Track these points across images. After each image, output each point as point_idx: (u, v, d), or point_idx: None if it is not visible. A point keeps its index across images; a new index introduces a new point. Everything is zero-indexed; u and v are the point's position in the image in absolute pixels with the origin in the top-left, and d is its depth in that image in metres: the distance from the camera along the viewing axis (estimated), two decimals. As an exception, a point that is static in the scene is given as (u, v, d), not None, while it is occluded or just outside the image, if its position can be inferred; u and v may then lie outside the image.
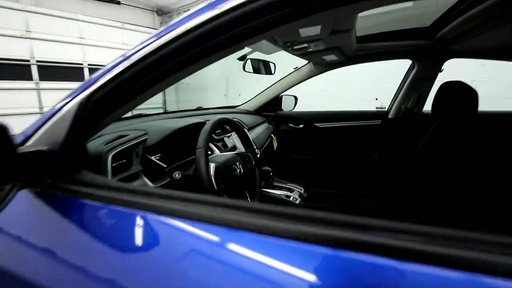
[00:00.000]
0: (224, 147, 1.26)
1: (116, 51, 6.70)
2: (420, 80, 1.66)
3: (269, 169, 1.38)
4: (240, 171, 0.96)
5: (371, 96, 4.39)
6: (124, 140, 0.81)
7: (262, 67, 1.62)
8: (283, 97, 2.20)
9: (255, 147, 1.46)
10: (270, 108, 2.15)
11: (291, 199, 1.30)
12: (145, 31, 7.27)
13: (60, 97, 0.51)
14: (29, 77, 5.52)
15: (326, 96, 4.74)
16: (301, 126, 2.14)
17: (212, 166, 0.86)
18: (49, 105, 5.70)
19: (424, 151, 1.35)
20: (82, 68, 6.18)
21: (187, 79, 7.91)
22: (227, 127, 1.26)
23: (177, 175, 0.79)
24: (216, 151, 1.20)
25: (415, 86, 1.69)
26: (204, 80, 7.49)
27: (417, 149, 1.43)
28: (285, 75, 1.98)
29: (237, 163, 0.97)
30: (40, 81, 5.61)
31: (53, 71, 5.75)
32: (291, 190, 1.40)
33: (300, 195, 1.39)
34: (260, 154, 1.50)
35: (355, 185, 1.89)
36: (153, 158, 0.96)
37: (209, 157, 0.93)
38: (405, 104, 1.76)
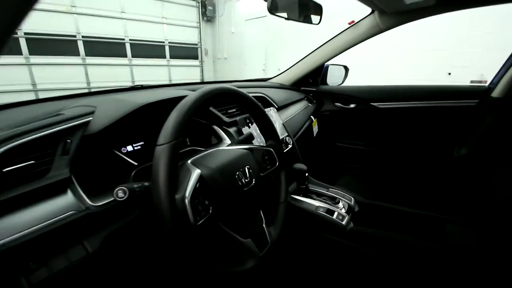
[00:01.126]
0: (239, 134, 0.86)
1: (156, 25, 6.61)
2: None
3: (304, 167, 0.95)
4: (249, 181, 0.56)
5: (440, 70, 3.50)
6: (38, 125, 0.46)
7: (299, 11, 1.07)
8: (330, 67, 1.68)
9: (285, 136, 1.03)
10: (312, 82, 1.66)
11: (335, 215, 0.87)
12: (184, 3, 7.00)
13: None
14: (76, 53, 5.72)
15: (372, 70, 3.95)
16: (352, 106, 1.62)
17: (195, 175, 0.47)
18: (96, 80, 5.94)
19: None
20: (124, 44, 6.21)
21: (225, 53, 7.55)
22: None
23: (120, 192, 0.42)
24: (226, 139, 0.81)
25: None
26: (242, 54, 7.05)
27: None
28: (334, 36, 1.45)
29: (246, 168, 0.56)
30: (86, 57, 5.78)
31: (97, 47, 5.87)
32: (335, 200, 0.96)
33: (349, 209, 0.94)
34: (292, 145, 1.07)
35: (435, 198, 1.35)
36: (118, 153, 0.60)
37: (198, 157, 0.54)
38: (527, 76, 1.12)
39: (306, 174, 0.96)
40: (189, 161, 0.52)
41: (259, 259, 0.56)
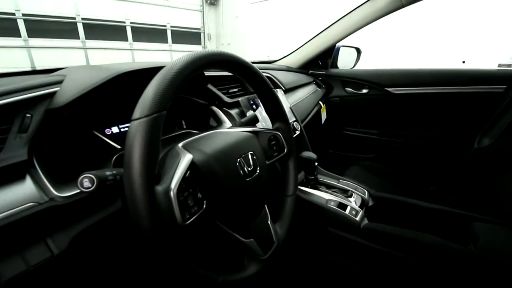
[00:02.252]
0: (241, 117, 0.75)
1: (158, 8, 6.39)
2: None
3: (314, 156, 0.85)
4: (253, 170, 0.46)
5: (454, 58, 3.31)
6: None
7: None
8: (341, 48, 1.55)
9: (293, 121, 0.93)
10: (321, 65, 1.53)
11: (347, 210, 0.77)
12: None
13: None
14: (76, 36, 5.56)
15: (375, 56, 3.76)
16: (364, 91, 1.49)
17: (185, 160, 0.37)
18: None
19: None
20: (125, 27, 6.03)
21: (229, 38, 7.30)
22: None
23: (86, 182, 0.32)
24: (227, 122, 0.71)
25: None
26: (247, 39, 6.83)
27: None
28: (347, 12, 1.31)
29: (249, 154, 0.47)
30: (86, 40, 5.64)
31: (97, 30, 5.72)
32: (347, 193, 0.87)
33: (363, 203, 0.85)
34: (300, 131, 0.97)
35: (456, 193, 1.24)
36: (99, 136, 0.51)
37: (191, 139, 0.44)
38: None
39: (316, 164, 0.86)
40: (180, 144, 0.43)
41: (264, 262, 0.47)
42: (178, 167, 0.36)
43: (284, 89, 1.05)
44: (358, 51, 1.63)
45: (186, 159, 0.37)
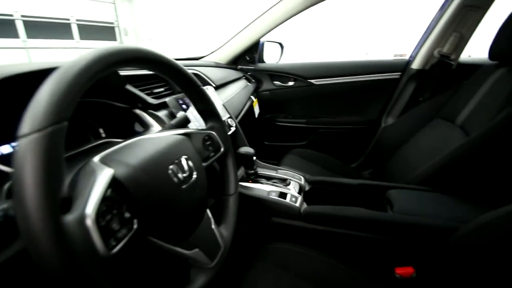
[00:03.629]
0: (171, 118, 0.70)
1: (53, -4, 5.38)
2: (469, 9, 1.13)
3: (251, 151, 0.86)
4: (188, 175, 0.43)
5: (359, 51, 3.84)
6: None
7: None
8: (265, 44, 1.60)
9: (227, 118, 0.91)
10: (249, 60, 1.55)
11: (288, 198, 0.81)
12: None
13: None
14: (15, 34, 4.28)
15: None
16: (290, 83, 1.58)
17: (105, 178, 0.31)
18: None
19: (478, 116, 0.89)
20: (69, 25, 4.90)
21: (149, 34, 6.74)
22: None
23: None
24: (154, 125, 0.64)
25: (459, 20, 1.17)
26: (172, 34, 6.42)
27: (459, 115, 0.97)
28: (268, 8, 1.35)
29: (183, 159, 0.43)
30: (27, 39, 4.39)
31: (39, 28, 4.50)
32: (286, 182, 0.91)
33: (301, 189, 0.90)
34: (236, 127, 0.96)
35: (375, 167, 1.42)
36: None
37: (110, 151, 0.38)
38: (439, 49, 1.25)
39: (254, 158, 0.87)
40: (95, 159, 0.36)
41: (212, 270, 0.45)
42: (94, 187, 0.30)
43: (214, 86, 1.02)
44: (281, 46, 1.71)
45: (104, 175, 0.32)
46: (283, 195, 0.82)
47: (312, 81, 1.55)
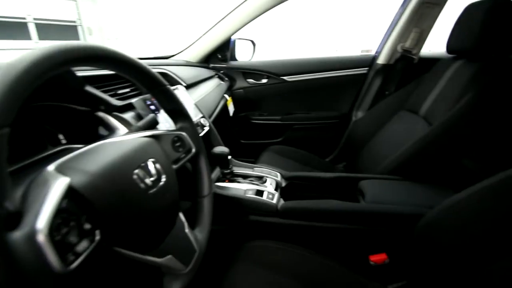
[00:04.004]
0: (139, 120, 0.66)
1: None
2: (427, 6, 1.20)
3: (226, 150, 0.84)
4: (157, 179, 0.41)
5: (329, 48, 3.96)
6: None
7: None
8: (237, 41, 1.59)
9: (199, 117, 0.89)
10: (221, 58, 1.53)
11: (265, 196, 0.81)
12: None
13: None
14: None
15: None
16: (264, 81, 1.59)
17: (59, 188, 0.29)
18: None
19: (438, 107, 0.95)
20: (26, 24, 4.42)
21: (116, 33, 6.41)
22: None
23: None
24: (120, 128, 0.61)
25: (418, 16, 1.23)
26: (142, 32, 6.16)
27: (422, 107, 1.03)
28: (237, 5, 1.34)
29: (150, 162, 0.41)
30: None
31: None
32: (262, 179, 0.91)
33: (277, 186, 0.91)
34: (209, 126, 0.94)
35: (348, 160, 1.47)
36: None
37: (68, 158, 0.35)
38: (402, 44, 1.31)
39: (229, 157, 0.86)
40: (50, 168, 0.33)
41: (187, 276, 0.43)
42: (46, 198, 0.27)
43: (185, 85, 0.99)
44: (253, 43, 1.70)
45: (59, 185, 0.29)
46: (259, 192, 0.82)
47: (284, 78, 1.56)
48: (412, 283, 0.69)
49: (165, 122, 0.70)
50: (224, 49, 1.51)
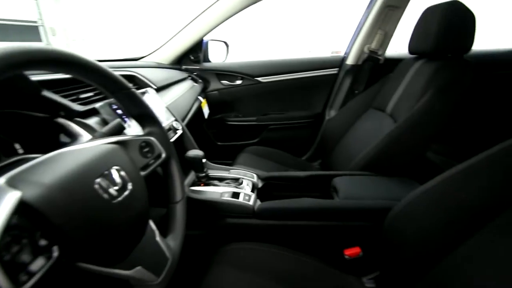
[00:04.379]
0: (104, 125, 0.63)
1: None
2: (390, 9, 1.26)
3: (200, 153, 0.83)
4: (122, 188, 0.39)
5: (302, 49, 4.05)
6: None
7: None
8: (209, 42, 1.57)
9: (172, 121, 0.87)
10: (193, 59, 1.51)
11: (241, 198, 0.81)
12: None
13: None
14: None
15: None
16: (238, 82, 1.58)
17: (8, 202, 0.26)
18: None
19: (403, 105, 1.00)
20: None
21: (82, 34, 6.06)
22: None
23: None
24: (84, 135, 0.58)
25: (382, 19, 1.30)
26: (110, 32, 5.88)
27: (388, 105, 1.08)
28: (209, 6, 1.33)
29: (114, 170, 0.39)
30: None
31: None
32: (238, 181, 0.90)
33: (254, 187, 0.91)
34: (182, 130, 0.92)
35: (322, 159, 1.50)
36: None
37: (21, 170, 0.32)
38: (368, 45, 1.37)
39: (204, 160, 0.84)
40: (0, 181, 0.30)
41: (159, 286, 0.42)
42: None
43: (155, 87, 0.96)
44: (226, 44, 1.69)
45: (8, 200, 0.27)
46: (236, 195, 0.82)
47: (259, 79, 1.57)
48: (384, 274, 0.73)
49: (136, 127, 0.67)
50: (197, 50, 1.49)
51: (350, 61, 1.45)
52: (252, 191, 0.88)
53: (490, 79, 1.37)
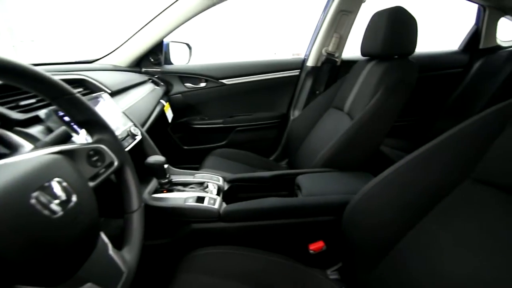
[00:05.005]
0: (49, 133, 0.58)
1: None
2: (343, 14, 1.34)
3: (161, 159, 0.80)
4: (66, 201, 0.36)
5: (268, 51, 4.14)
6: None
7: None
8: (171, 44, 1.53)
9: (129, 126, 0.83)
10: (153, 61, 1.45)
11: (206, 202, 0.79)
12: None
13: None
14: None
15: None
16: (202, 84, 1.56)
17: None
18: None
19: (358, 103, 1.07)
20: None
21: (31, 34, 5.52)
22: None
23: None
24: (25, 145, 0.53)
25: (337, 23, 1.37)
26: (64, 33, 5.41)
27: (345, 104, 1.15)
28: (167, 6, 1.29)
29: (55, 183, 0.36)
30: None
31: None
32: (203, 185, 0.89)
33: (219, 190, 0.90)
34: (142, 135, 0.88)
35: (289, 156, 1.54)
36: None
37: None
38: (326, 48, 1.44)
39: (166, 166, 0.81)
40: None
41: None
42: None
43: (110, 91, 0.91)
44: (189, 46, 1.66)
45: None
46: (201, 199, 0.80)
47: (223, 81, 1.56)
48: (346, 264, 0.76)
49: (80, 134, 0.63)
50: (157, 52, 1.44)
51: (310, 63, 1.51)
52: (218, 194, 0.87)
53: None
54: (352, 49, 1.49)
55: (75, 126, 0.65)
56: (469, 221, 0.47)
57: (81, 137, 0.61)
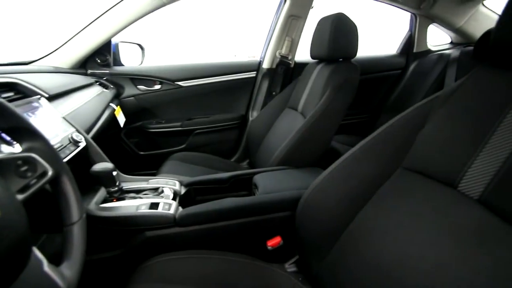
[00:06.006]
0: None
1: None
2: (293, 18, 1.40)
3: (109, 166, 0.76)
4: None
5: (228, 53, 4.14)
6: None
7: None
8: (120, 45, 1.45)
9: (71, 132, 0.77)
10: (101, 63, 1.36)
11: (160, 207, 0.77)
12: None
13: None
14: None
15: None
16: (157, 87, 1.51)
17: None
18: None
19: (309, 103, 1.13)
20: None
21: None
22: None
23: None
24: None
25: (288, 27, 1.43)
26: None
27: (299, 104, 1.21)
28: (114, 4, 1.23)
29: None
30: None
31: None
32: (158, 192, 0.86)
33: (175, 195, 0.88)
34: (86, 141, 0.82)
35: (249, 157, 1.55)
36: None
37: None
38: (279, 50, 1.49)
39: (115, 173, 0.77)
40: None
41: None
42: None
43: (47, 95, 0.83)
44: (141, 47, 1.59)
45: None
46: (154, 205, 0.77)
47: (180, 83, 1.53)
48: (302, 256, 0.80)
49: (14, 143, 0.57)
50: (105, 53, 1.36)
51: (265, 65, 1.55)
52: (174, 199, 0.85)
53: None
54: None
55: (3, 135, 0.58)
56: (401, 206, 0.53)
57: (11, 147, 0.55)
